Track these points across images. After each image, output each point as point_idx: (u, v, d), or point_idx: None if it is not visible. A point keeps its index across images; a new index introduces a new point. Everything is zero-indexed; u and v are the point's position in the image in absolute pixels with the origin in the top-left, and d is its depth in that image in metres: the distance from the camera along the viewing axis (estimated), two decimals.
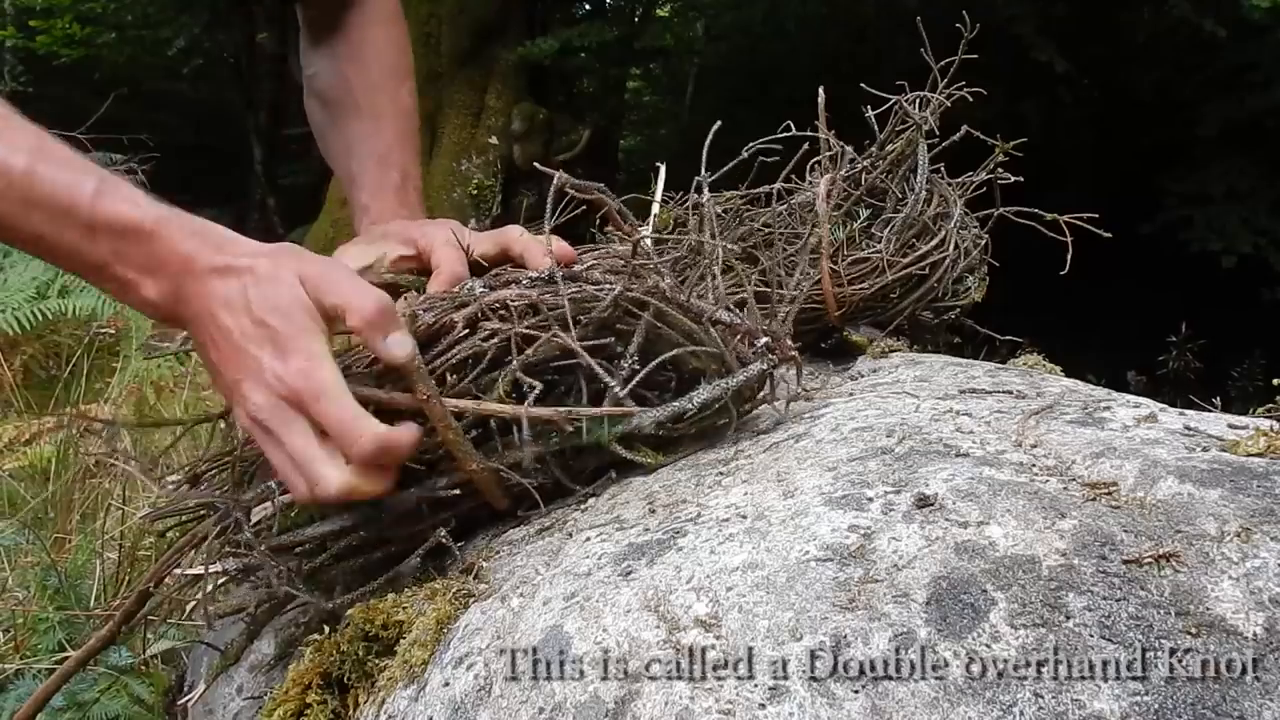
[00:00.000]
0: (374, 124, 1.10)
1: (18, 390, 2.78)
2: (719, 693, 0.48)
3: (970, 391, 0.81)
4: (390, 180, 1.07)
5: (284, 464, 0.69)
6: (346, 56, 1.12)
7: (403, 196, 1.07)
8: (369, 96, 1.10)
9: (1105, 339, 4.96)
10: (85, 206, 0.69)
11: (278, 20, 7.93)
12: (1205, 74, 5.65)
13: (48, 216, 0.68)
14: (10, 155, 0.68)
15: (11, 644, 1.34)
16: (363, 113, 1.10)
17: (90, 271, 0.71)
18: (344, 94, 1.11)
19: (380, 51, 1.12)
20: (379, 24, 1.13)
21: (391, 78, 1.12)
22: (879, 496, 0.59)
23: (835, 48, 7.30)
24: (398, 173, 1.08)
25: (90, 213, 0.69)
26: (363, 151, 1.10)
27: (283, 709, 0.70)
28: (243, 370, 0.68)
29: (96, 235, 0.69)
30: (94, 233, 0.69)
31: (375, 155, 1.09)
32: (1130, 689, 0.43)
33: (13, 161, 0.68)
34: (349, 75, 1.11)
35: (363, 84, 1.11)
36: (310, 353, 0.68)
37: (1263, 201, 5.51)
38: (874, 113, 1.18)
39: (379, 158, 1.08)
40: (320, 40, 1.14)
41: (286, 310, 0.68)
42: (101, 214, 0.69)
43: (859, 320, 1.13)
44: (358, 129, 1.10)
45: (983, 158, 1.17)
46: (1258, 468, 0.55)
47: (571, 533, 0.71)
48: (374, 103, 1.10)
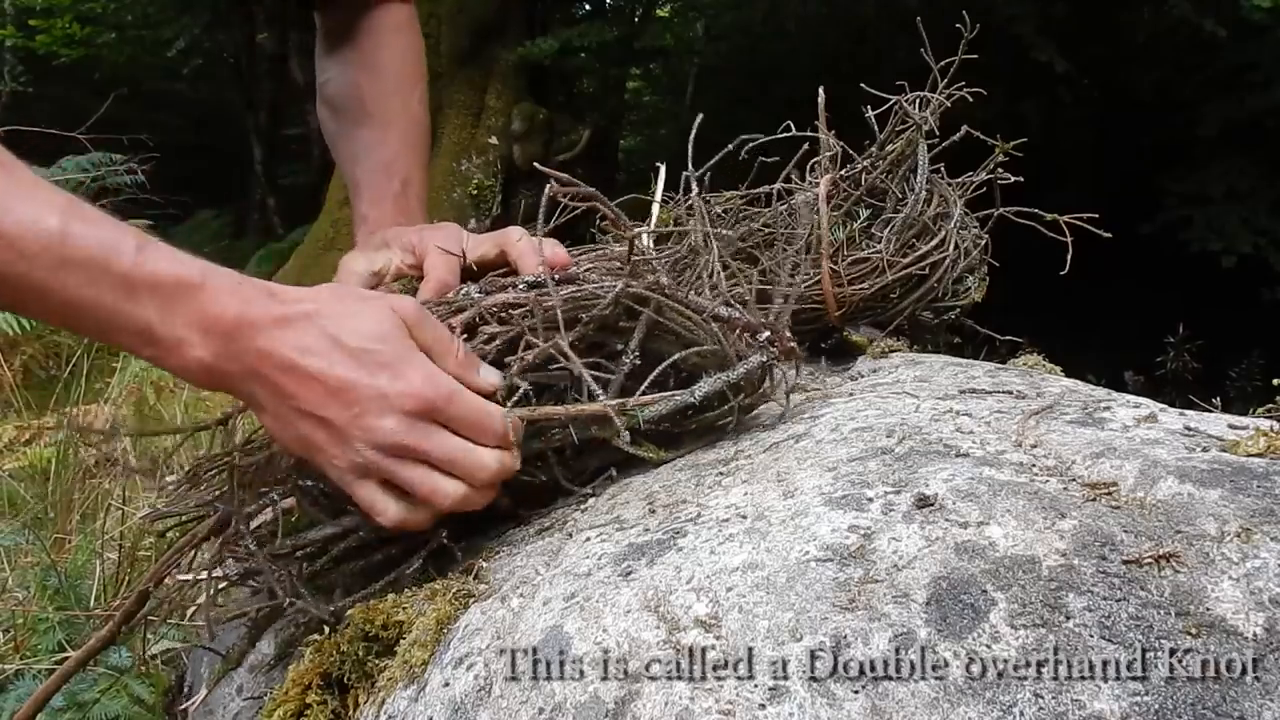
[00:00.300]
0: (381, 132, 1.11)
1: (18, 390, 2.78)
2: (719, 693, 0.48)
3: (970, 391, 0.81)
4: (391, 189, 1.08)
5: (424, 477, 0.69)
6: (359, 64, 1.12)
7: (402, 204, 1.07)
8: (379, 104, 1.11)
9: (1105, 339, 4.96)
10: (127, 264, 0.64)
11: (278, 20, 7.93)
12: (1205, 74, 5.65)
13: (87, 278, 0.64)
14: (42, 215, 0.63)
15: (11, 644, 1.34)
16: (372, 120, 1.11)
17: (132, 336, 0.67)
18: (355, 102, 1.12)
19: (393, 59, 1.13)
20: (393, 32, 1.13)
21: (403, 85, 1.13)
22: (879, 497, 0.59)
23: (835, 48, 7.30)
24: (399, 180, 1.09)
25: (132, 270, 0.64)
26: (368, 160, 1.10)
27: (283, 709, 0.70)
28: (356, 404, 0.67)
29: (139, 294, 0.65)
30: (136, 291, 0.65)
31: (379, 163, 1.10)
32: (1130, 689, 0.43)
33: (46, 222, 0.63)
34: (361, 83, 1.12)
35: (374, 91, 1.11)
36: (422, 362, 0.69)
37: (1263, 201, 5.51)
38: (874, 113, 1.17)
39: (383, 166, 1.09)
40: (335, 48, 1.15)
41: (384, 335, 0.68)
42: (145, 271, 0.65)
43: (859, 320, 1.13)
44: (365, 137, 1.11)
45: (983, 158, 1.17)
46: (1258, 468, 0.55)
47: (571, 533, 0.71)
48: (384, 110, 1.11)
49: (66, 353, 3.12)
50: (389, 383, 0.67)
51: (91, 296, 0.64)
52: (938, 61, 1.14)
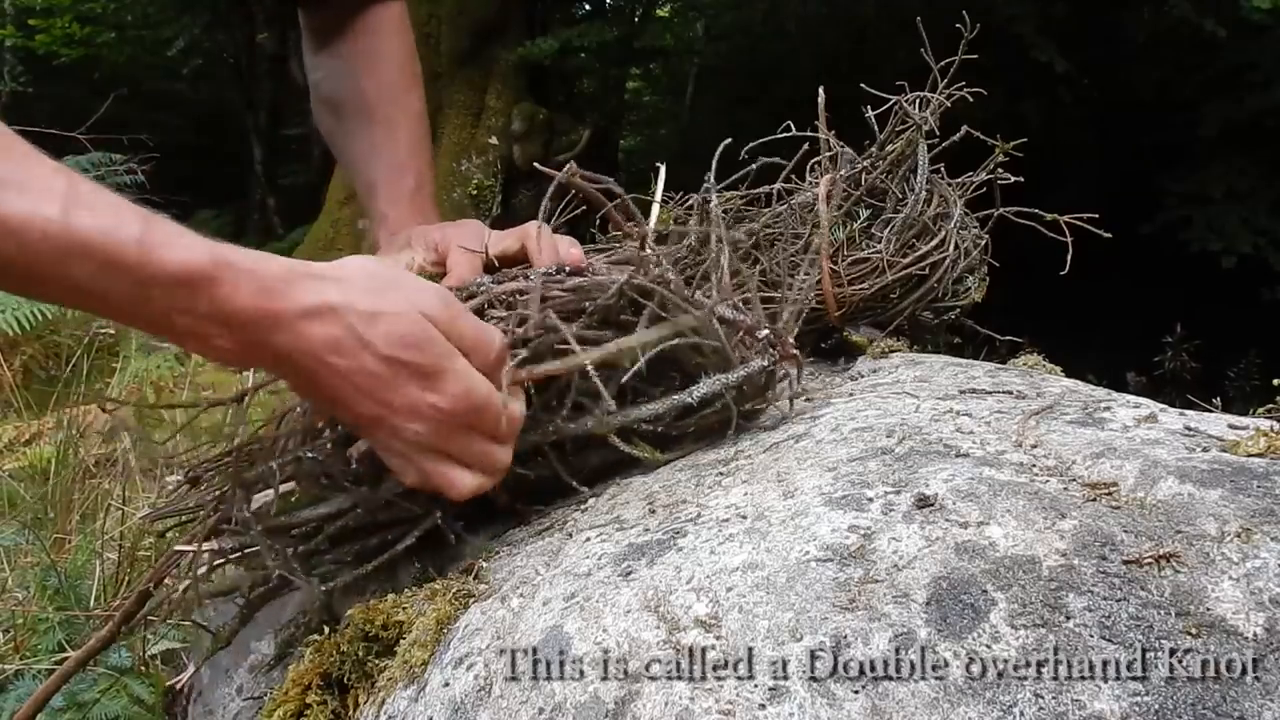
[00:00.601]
0: (388, 132, 1.12)
1: (18, 390, 2.78)
2: (719, 693, 0.48)
3: (970, 392, 0.81)
4: (406, 187, 1.09)
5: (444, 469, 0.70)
6: (358, 65, 1.14)
7: (418, 203, 1.09)
8: (383, 105, 1.12)
9: (1105, 339, 4.96)
10: (132, 256, 0.60)
11: (278, 20, 7.93)
12: (1205, 74, 5.65)
13: (95, 269, 0.59)
14: (40, 203, 0.58)
15: (11, 644, 1.34)
16: (376, 121, 1.12)
17: (152, 326, 0.63)
18: (358, 101, 1.13)
19: (392, 60, 1.14)
20: (391, 32, 1.14)
21: (404, 85, 1.14)
22: (879, 497, 0.59)
23: (835, 48, 7.30)
24: (413, 179, 1.10)
25: (139, 262, 0.60)
26: (378, 161, 1.11)
27: (283, 709, 0.70)
28: (383, 407, 0.66)
29: (149, 287, 0.60)
30: (144, 284, 0.60)
31: (393, 163, 1.11)
32: (1130, 689, 0.43)
33: (45, 210, 0.58)
34: (362, 84, 1.13)
35: (376, 93, 1.12)
36: (458, 373, 0.67)
37: (1263, 201, 5.52)
38: (874, 113, 1.18)
39: (395, 166, 1.11)
40: (324, 45, 1.15)
41: (419, 343, 0.66)
42: (151, 263, 0.60)
43: (859, 320, 1.13)
44: (372, 137, 1.12)
45: (983, 158, 1.17)
46: (1258, 468, 0.55)
47: (571, 533, 0.71)
48: (388, 111, 1.12)
49: (66, 353, 3.12)
50: (420, 394, 0.66)
51: (103, 288, 0.60)
52: (938, 61, 1.14)
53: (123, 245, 0.60)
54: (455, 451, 0.69)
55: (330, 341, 0.64)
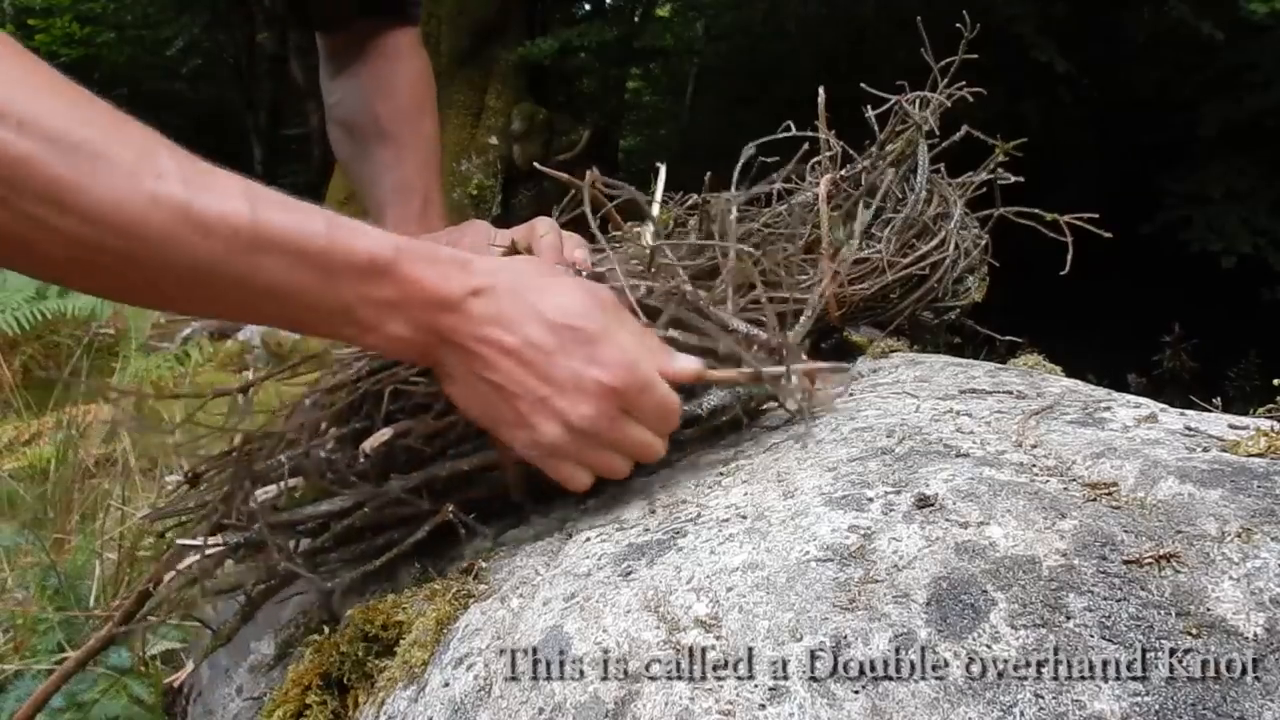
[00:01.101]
0: (397, 154, 1.15)
1: (18, 390, 2.78)
2: (719, 693, 0.48)
3: (970, 391, 0.81)
4: (413, 209, 1.13)
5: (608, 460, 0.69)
6: (372, 88, 1.17)
7: (425, 224, 1.12)
8: (396, 127, 1.16)
9: (1105, 339, 4.96)
10: (322, 244, 0.61)
11: (278, 20, 7.94)
12: (1205, 74, 5.66)
13: (286, 263, 0.60)
14: (228, 200, 0.59)
15: (11, 644, 1.34)
16: (389, 143, 1.15)
17: (330, 317, 0.64)
18: (371, 125, 1.17)
19: (405, 83, 1.18)
20: (405, 56, 1.18)
21: (415, 108, 1.18)
22: (879, 497, 0.59)
23: (835, 48, 7.31)
24: (420, 199, 1.14)
25: (328, 251, 0.61)
26: (386, 182, 1.15)
27: (282, 709, 0.70)
28: (551, 384, 0.65)
29: (337, 276, 0.62)
30: (333, 274, 0.61)
31: (400, 184, 1.14)
32: (1130, 689, 0.43)
33: (233, 206, 0.59)
34: (376, 107, 1.16)
35: (389, 116, 1.16)
36: (623, 345, 0.66)
37: (1262, 201, 5.52)
38: (874, 113, 1.17)
39: (404, 188, 1.14)
40: (342, 69, 1.19)
41: (586, 311, 0.66)
42: (340, 251, 0.61)
43: (859, 320, 1.13)
44: (384, 159, 1.16)
45: (983, 158, 1.17)
46: (1258, 468, 0.55)
47: (571, 533, 0.71)
48: (400, 133, 1.15)
49: (66, 353, 3.12)
50: (584, 365, 0.65)
51: (292, 281, 0.61)
52: (938, 61, 1.14)
53: (313, 238, 0.61)
54: (621, 441, 0.68)
55: (498, 314, 0.65)
